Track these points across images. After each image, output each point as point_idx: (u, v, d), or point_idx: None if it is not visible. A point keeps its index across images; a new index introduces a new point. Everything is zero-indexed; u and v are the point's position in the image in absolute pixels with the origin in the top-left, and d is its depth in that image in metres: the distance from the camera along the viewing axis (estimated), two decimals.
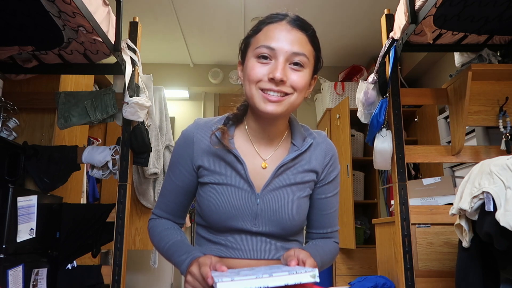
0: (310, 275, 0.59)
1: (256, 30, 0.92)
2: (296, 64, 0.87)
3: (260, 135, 0.97)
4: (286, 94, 0.87)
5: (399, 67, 2.15)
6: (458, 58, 2.30)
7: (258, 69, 0.87)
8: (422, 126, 3.79)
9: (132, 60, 2.10)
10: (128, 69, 2.04)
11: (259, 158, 0.96)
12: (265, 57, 0.87)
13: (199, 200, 0.97)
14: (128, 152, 2.10)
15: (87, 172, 2.72)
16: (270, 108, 0.87)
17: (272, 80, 0.86)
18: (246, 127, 0.98)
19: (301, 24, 0.89)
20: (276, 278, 0.57)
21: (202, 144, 0.96)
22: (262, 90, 0.87)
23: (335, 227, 1.03)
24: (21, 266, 1.77)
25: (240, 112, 1.00)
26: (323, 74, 4.34)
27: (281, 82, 0.86)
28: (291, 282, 0.58)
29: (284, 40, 0.86)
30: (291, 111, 0.92)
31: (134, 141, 2.08)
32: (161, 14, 3.62)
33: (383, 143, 2.03)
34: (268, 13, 0.93)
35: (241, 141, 0.97)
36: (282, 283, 0.57)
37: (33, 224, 1.86)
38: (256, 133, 0.97)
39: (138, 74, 2.17)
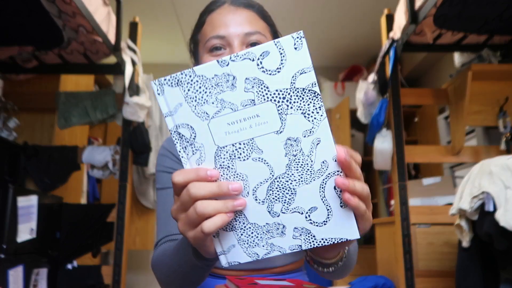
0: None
1: (200, 23, 0.83)
2: (253, 45, 0.76)
3: None
4: None
5: (399, 67, 2.15)
6: (458, 58, 2.30)
7: None
8: (422, 126, 3.79)
9: (132, 60, 2.11)
10: (128, 69, 2.05)
11: None
12: (217, 48, 0.77)
13: None
14: (128, 152, 2.10)
15: (87, 172, 2.72)
16: None
17: None
18: None
19: (245, 2, 0.79)
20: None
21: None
22: None
23: None
24: (21, 266, 1.77)
25: None
26: (323, 74, 4.34)
27: None
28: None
29: (232, 23, 0.76)
30: None
31: (134, 141, 2.08)
32: (161, 14, 3.62)
33: (383, 143, 2.03)
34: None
35: None
36: None
37: (33, 224, 1.86)
38: None
39: (138, 74, 2.17)
